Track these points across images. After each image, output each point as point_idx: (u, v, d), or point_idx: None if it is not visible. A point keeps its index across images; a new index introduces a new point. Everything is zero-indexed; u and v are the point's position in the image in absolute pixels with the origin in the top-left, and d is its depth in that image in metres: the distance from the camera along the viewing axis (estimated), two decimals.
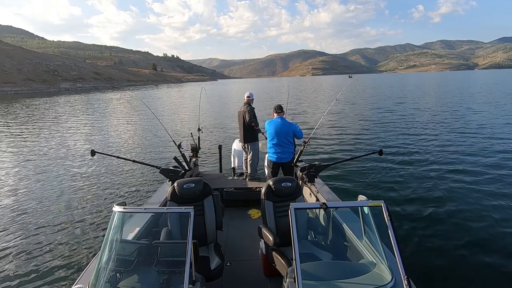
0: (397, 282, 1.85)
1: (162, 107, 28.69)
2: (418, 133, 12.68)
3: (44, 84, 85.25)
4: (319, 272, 2.00)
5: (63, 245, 4.60)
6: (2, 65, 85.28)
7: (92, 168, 8.68)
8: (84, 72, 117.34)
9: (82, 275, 2.22)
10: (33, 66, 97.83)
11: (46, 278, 3.83)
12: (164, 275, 1.92)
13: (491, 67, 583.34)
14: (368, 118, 17.52)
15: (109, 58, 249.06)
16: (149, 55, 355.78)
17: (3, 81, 73.98)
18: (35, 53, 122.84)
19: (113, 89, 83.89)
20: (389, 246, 1.95)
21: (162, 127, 5.93)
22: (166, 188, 3.69)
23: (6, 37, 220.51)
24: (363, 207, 2.18)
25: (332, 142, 11.72)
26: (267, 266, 2.92)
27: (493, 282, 3.71)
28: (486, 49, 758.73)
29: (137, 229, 2.69)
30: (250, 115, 5.19)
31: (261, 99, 30.43)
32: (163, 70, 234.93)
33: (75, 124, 18.06)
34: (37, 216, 5.65)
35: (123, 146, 11.91)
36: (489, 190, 6.37)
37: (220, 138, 12.85)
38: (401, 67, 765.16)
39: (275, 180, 3.05)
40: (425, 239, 4.61)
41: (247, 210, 4.65)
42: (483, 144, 10.41)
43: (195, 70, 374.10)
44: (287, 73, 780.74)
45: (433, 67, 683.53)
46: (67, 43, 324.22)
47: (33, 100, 41.64)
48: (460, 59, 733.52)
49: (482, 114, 17.20)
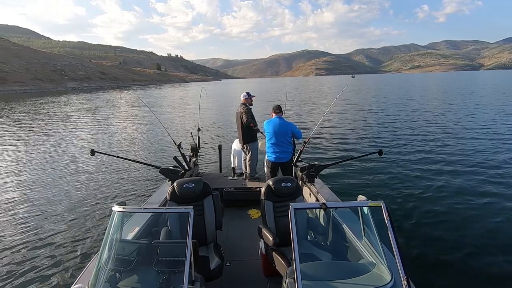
0: (396, 282, 1.84)
1: (163, 107, 28.71)
2: (418, 133, 12.61)
3: (52, 83, 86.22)
4: (319, 272, 2.00)
5: (63, 245, 4.59)
6: (11, 64, 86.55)
7: (91, 168, 8.67)
8: (90, 72, 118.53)
9: (81, 275, 2.23)
10: (40, 65, 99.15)
11: (46, 277, 3.83)
12: (164, 275, 1.92)
13: (497, 68, 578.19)
14: (368, 118, 17.47)
15: (114, 58, 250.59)
16: (153, 55, 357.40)
17: (12, 80, 75.35)
18: (42, 53, 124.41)
19: (118, 88, 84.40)
20: (389, 246, 1.94)
21: (162, 127, 5.93)
22: (165, 188, 3.69)
23: (13, 36, 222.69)
24: (363, 207, 2.17)
25: (332, 142, 11.70)
26: (266, 266, 2.91)
27: (493, 282, 3.68)
28: (491, 49, 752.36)
29: (137, 228, 2.69)
30: (247, 115, 5.14)
31: (260, 100, 30.36)
32: (167, 70, 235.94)
33: (77, 124, 18.14)
34: (37, 215, 5.65)
35: (123, 146, 11.92)
36: (490, 191, 6.33)
37: (220, 138, 12.84)
38: (405, 67, 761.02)
39: (275, 180, 3.04)
40: (425, 239, 4.60)
41: (247, 210, 4.65)
42: (484, 144, 10.35)
43: (198, 70, 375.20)
44: (291, 73, 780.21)
45: (438, 67, 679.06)
46: (72, 43, 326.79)
47: (40, 99, 41.96)
48: (465, 60, 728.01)
49: (482, 114, 17.10)
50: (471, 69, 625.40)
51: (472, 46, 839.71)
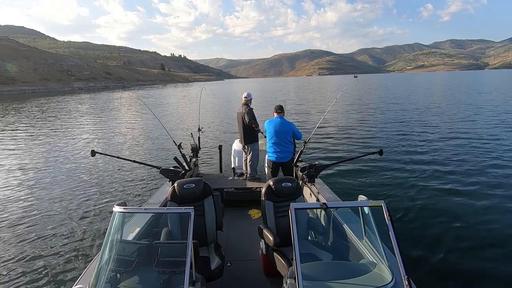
0: (397, 282, 1.83)
1: (164, 107, 28.77)
2: (419, 133, 12.55)
3: (59, 83, 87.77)
4: (320, 273, 1.99)
5: (64, 245, 4.60)
6: (20, 65, 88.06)
7: (92, 168, 8.70)
8: (96, 72, 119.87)
9: (82, 275, 2.23)
10: (48, 66, 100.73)
11: (46, 278, 3.84)
12: (164, 276, 1.92)
13: (502, 67, 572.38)
14: (369, 118, 17.41)
15: (118, 58, 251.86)
16: (156, 55, 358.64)
17: (21, 80, 77.40)
18: (50, 53, 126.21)
19: (123, 88, 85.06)
20: (390, 246, 1.93)
21: (163, 127, 5.94)
22: (166, 188, 3.69)
23: (19, 37, 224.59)
24: (363, 207, 2.16)
25: (332, 142, 11.67)
26: (267, 266, 2.91)
27: (493, 282, 3.66)
28: (497, 48, 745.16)
29: (137, 229, 2.70)
30: (249, 116, 5.17)
31: (261, 100, 30.36)
32: (170, 70, 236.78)
33: (79, 124, 18.25)
34: (37, 215, 5.67)
35: (124, 146, 11.97)
36: (490, 190, 6.30)
37: (220, 138, 12.83)
38: (409, 66, 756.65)
39: (275, 180, 3.04)
40: (426, 239, 4.58)
41: (247, 210, 4.65)
42: (485, 143, 10.28)
43: (202, 70, 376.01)
44: (294, 73, 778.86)
45: (442, 67, 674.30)
46: (77, 43, 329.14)
47: (47, 99, 42.40)
48: (470, 59, 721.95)
49: (485, 114, 16.96)
50: (476, 68, 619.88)
51: (477, 45, 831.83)
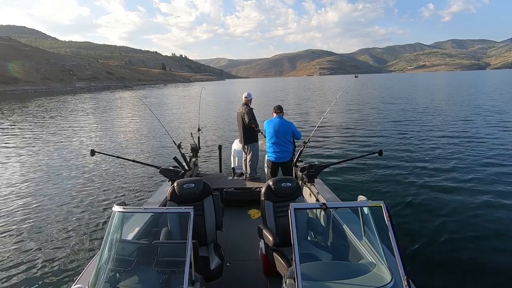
0: (397, 282, 1.83)
1: (164, 107, 28.76)
2: (419, 133, 12.51)
3: (61, 83, 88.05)
4: (319, 273, 1.99)
5: (63, 245, 4.60)
6: (22, 65, 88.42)
7: (92, 168, 8.68)
8: (98, 71, 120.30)
9: (81, 275, 2.23)
10: (50, 66, 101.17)
11: (46, 277, 3.83)
12: (164, 275, 1.92)
13: (504, 67, 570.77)
14: (368, 118, 17.39)
15: (119, 58, 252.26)
16: (157, 55, 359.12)
17: (24, 80, 77.70)
18: (51, 53, 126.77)
19: (125, 88, 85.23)
20: (389, 246, 1.93)
21: (162, 127, 5.93)
22: (166, 188, 3.69)
23: (20, 37, 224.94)
24: (363, 207, 2.16)
25: (332, 142, 11.67)
26: (267, 266, 2.90)
27: (493, 282, 3.66)
28: (498, 48, 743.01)
29: (137, 229, 2.70)
30: (249, 116, 5.17)
31: (261, 100, 30.33)
32: (171, 70, 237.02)
33: (78, 123, 18.23)
34: (36, 215, 5.66)
35: (123, 146, 11.95)
36: (490, 190, 6.28)
37: (220, 138, 12.81)
38: (410, 66, 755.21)
39: (275, 180, 3.04)
40: (426, 240, 4.57)
41: (247, 210, 4.65)
42: (486, 143, 10.26)
43: (202, 70, 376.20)
44: (294, 73, 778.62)
45: (444, 67, 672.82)
46: (78, 43, 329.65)
47: (49, 98, 42.41)
48: (471, 59, 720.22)
49: (483, 114, 16.94)
50: (477, 68, 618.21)
51: (479, 45, 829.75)
